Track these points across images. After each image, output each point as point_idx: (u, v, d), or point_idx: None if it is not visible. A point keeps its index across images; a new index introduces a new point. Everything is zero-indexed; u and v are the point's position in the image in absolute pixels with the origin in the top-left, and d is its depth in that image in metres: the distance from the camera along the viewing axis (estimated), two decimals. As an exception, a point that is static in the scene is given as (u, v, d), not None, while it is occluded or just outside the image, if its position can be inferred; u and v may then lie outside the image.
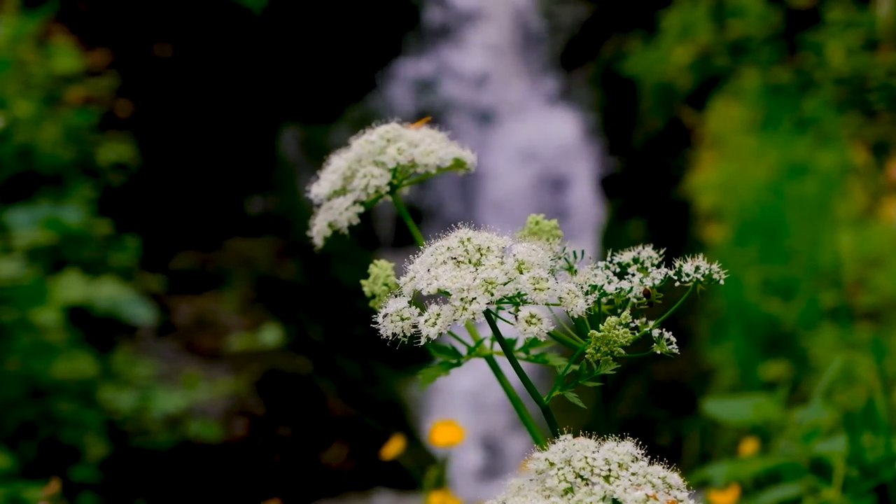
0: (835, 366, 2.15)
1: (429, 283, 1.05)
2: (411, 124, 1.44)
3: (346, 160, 1.40)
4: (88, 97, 6.30)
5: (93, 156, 5.93)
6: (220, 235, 7.26)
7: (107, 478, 4.75)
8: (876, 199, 5.43)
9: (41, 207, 4.96)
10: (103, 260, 5.43)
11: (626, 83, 7.86)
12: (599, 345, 1.05)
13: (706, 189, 6.19)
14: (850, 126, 5.99)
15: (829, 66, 6.31)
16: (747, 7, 6.87)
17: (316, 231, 1.39)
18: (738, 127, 6.37)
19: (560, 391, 1.10)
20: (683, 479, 1.00)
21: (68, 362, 4.54)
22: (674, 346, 1.07)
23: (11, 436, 4.35)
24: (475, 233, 1.09)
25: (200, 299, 6.66)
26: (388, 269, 1.31)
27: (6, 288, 4.28)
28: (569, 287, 1.06)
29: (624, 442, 1.04)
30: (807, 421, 2.06)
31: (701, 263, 1.12)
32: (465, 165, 1.41)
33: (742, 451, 2.25)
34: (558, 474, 1.01)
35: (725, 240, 5.71)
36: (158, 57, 7.56)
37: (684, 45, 7.11)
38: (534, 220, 1.30)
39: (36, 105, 5.55)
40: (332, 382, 6.46)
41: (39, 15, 5.93)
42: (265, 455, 5.89)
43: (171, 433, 5.16)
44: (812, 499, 1.93)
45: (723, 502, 1.99)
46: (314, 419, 6.20)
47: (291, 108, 8.25)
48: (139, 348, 5.89)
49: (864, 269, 4.84)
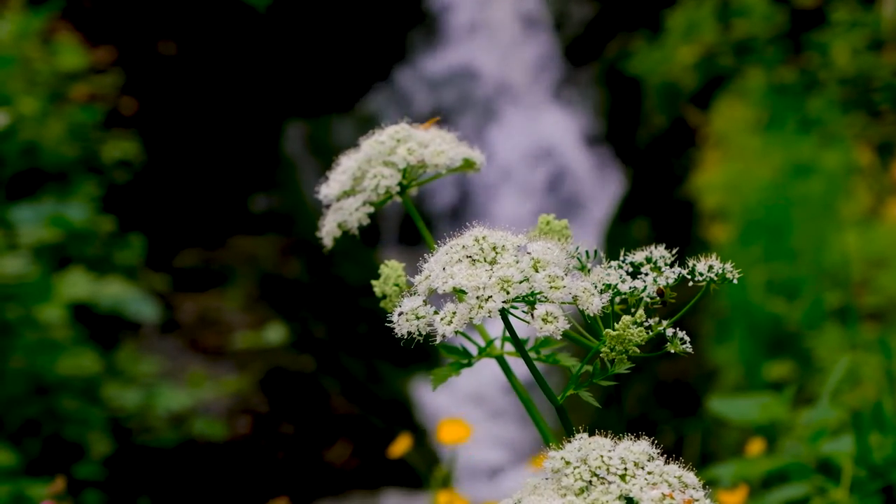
0: (842, 366, 2.15)
1: (444, 282, 1.05)
2: (420, 124, 1.44)
3: (355, 160, 1.40)
4: (93, 94, 6.30)
5: (97, 153, 5.93)
6: (223, 233, 7.27)
7: (111, 475, 4.75)
8: (881, 199, 5.42)
9: (46, 205, 4.97)
10: (108, 257, 5.43)
11: (631, 82, 7.86)
12: (614, 344, 1.05)
13: (710, 189, 6.18)
14: (855, 126, 5.99)
15: (834, 66, 6.31)
16: (752, 7, 6.86)
17: (325, 231, 1.39)
18: (743, 127, 6.37)
19: (574, 390, 1.10)
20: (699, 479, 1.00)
21: (72, 359, 4.55)
22: (688, 345, 1.08)
23: (15, 433, 4.36)
24: (490, 231, 1.09)
25: (204, 297, 6.66)
26: (399, 270, 1.31)
27: (11, 285, 4.28)
28: (584, 286, 1.06)
29: (640, 441, 1.04)
30: (814, 421, 2.06)
31: (714, 263, 1.12)
32: (474, 166, 1.42)
33: (748, 451, 2.25)
34: (574, 473, 1.01)
35: (730, 240, 5.71)
36: (163, 54, 7.56)
37: (689, 45, 7.11)
38: (545, 219, 1.30)
39: (41, 102, 5.56)
40: (335, 381, 6.47)
41: (44, 12, 5.93)
42: (269, 453, 5.89)
43: (175, 431, 5.17)
44: (820, 499, 1.93)
45: (732, 502, 1.99)
46: (318, 417, 6.21)
47: (295, 106, 8.26)
48: (143, 346, 5.89)
49: (869, 269, 4.84)
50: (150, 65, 7.46)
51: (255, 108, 7.98)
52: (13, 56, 5.43)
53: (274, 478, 5.83)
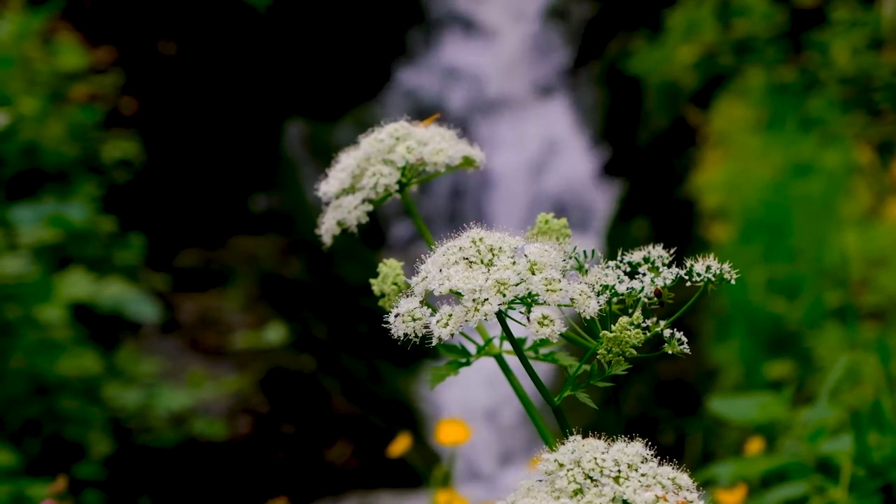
0: (841, 365, 2.15)
1: (441, 284, 1.05)
2: (420, 122, 1.44)
3: (354, 158, 1.40)
4: (93, 94, 6.30)
5: (97, 153, 5.93)
6: (224, 233, 7.27)
7: (111, 475, 4.75)
8: (881, 198, 5.42)
9: (46, 205, 4.97)
10: (108, 257, 5.43)
11: (631, 82, 7.85)
12: (611, 345, 1.05)
13: (711, 188, 6.18)
14: (855, 125, 5.99)
15: (834, 66, 6.30)
16: (752, 6, 6.86)
17: (325, 229, 1.39)
18: (743, 126, 6.37)
19: (571, 391, 1.10)
20: (693, 480, 1.00)
21: (73, 360, 4.55)
22: (685, 346, 1.07)
23: (16, 433, 4.36)
24: (487, 233, 1.09)
25: (205, 297, 6.66)
26: (398, 269, 1.31)
27: (11, 285, 4.28)
28: (581, 288, 1.06)
29: (633, 442, 1.03)
30: (813, 420, 2.06)
31: (712, 263, 1.12)
32: (474, 164, 1.41)
33: (747, 451, 2.25)
34: (568, 475, 1.01)
35: (730, 239, 5.71)
36: (163, 54, 7.56)
37: (689, 44, 7.10)
38: (543, 218, 1.30)
39: (41, 102, 5.55)
40: (336, 380, 6.46)
41: (44, 12, 5.93)
42: (269, 453, 5.89)
43: (175, 431, 5.16)
44: (819, 498, 1.93)
45: (730, 501, 1.99)
46: (318, 417, 6.21)
47: (296, 106, 8.25)
48: (143, 346, 5.89)
49: (868, 268, 4.83)
50: (150, 65, 7.46)
51: (256, 107, 7.98)
52: (13, 56, 5.43)
53: (274, 478, 5.83)
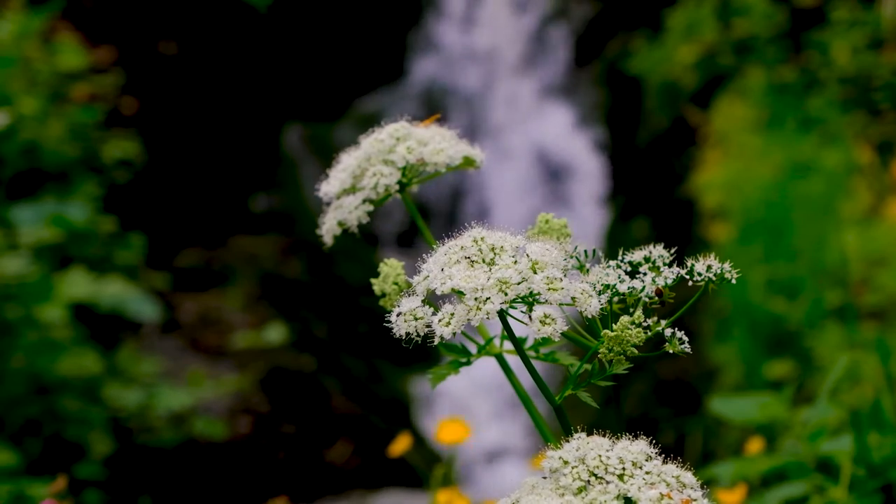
0: (841, 365, 2.15)
1: (443, 283, 1.05)
2: (420, 122, 1.44)
3: (355, 158, 1.40)
4: (93, 94, 6.30)
5: (98, 153, 5.93)
6: (224, 233, 7.27)
7: (111, 475, 4.75)
8: (881, 198, 5.42)
9: (46, 204, 4.96)
10: (108, 257, 5.43)
11: (632, 81, 7.85)
12: (612, 344, 1.05)
13: (711, 188, 6.18)
14: (855, 125, 5.98)
15: (835, 66, 6.30)
16: (752, 6, 6.86)
17: (326, 229, 1.39)
18: (743, 126, 6.37)
19: (573, 390, 1.10)
20: (697, 478, 1.00)
21: (73, 359, 4.54)
22: (686, 345, 1.07)
23: (16, 433, 4.36)
24: (489, 232, 1.09)
25: (205, 297, 6.66)
26: (399, 268, 1.31)
27: (12, 285, 4.28)
28: (582, 287, 1.06)
29: (638, 440, 1.04)
30: (813, 420, 2.06)
31: (713, 263, 1.12)
32: (474, 163, 1.41)
33: (748, 450, 2.25)
34: (572, 472, 1.01)
35: (730, 239, 5.71)
36: (163, 54, 7.56)
37: (689, 44, 7.10)
38: (544, 218, 1.30)
39: (41, 102, 5.55)
40: (336, 380, 6.47)
41: (45, 12, 5.93)
42: (269, 453, 5.89)
43: (175, 430, 5.16)
44: (819, 498, 1.93)
45: (730, 501, 1.99)
46: (318, 417, 6.21)
47: (296, 106, 8.25)
48: (144, 346, 5.89)
49: (868, 268, 4.84)
50: (150, 65, 7.46)
51: (256, 107, 7.98)
52: (13, 56, 5.43)
53: (274, 477, 5.83)
